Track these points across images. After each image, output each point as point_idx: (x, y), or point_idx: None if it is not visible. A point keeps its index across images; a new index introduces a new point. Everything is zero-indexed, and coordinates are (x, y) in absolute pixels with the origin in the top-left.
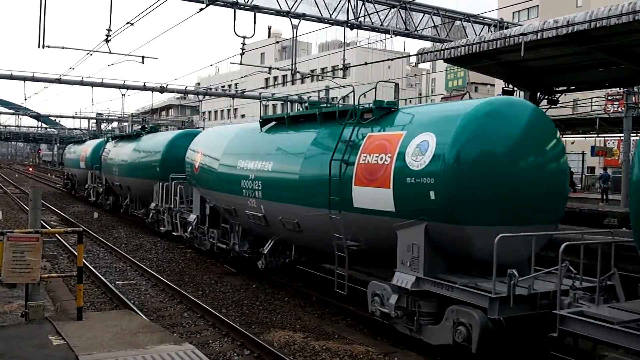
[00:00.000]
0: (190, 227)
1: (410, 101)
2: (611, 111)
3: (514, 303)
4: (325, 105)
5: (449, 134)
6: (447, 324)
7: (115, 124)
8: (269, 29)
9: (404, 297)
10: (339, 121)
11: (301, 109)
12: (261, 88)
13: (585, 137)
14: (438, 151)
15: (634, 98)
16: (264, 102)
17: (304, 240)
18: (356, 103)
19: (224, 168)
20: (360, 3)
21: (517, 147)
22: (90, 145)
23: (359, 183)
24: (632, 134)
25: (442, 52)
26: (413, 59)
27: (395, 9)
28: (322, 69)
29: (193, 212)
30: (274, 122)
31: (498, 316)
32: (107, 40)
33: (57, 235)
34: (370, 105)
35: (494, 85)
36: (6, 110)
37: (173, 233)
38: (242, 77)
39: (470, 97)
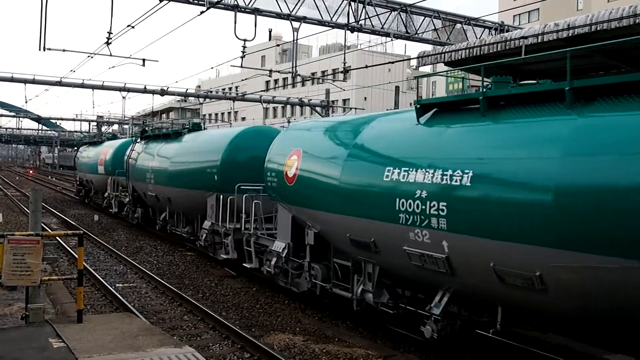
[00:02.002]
0: (274, 259)
1: (410, 104)
2: None
3: None
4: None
5: None
6: None
7: (116, 127)
8: (270, 31)
9: None
10: None
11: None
12: (262, 91)
13: None
14: None
15: None
16: (264, 105)
17: (546, 305)
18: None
19: (353, 179)
20: (360, 6)
21: None
22: (110, 146)
23: None
24: None
25: (442, 55)
26: (414, 62)
27: (396, 12)
28: (323, 72)
29: (279, 239)
30: (435, 110)
31: None
32: (107, 43)
33: (57, 237)
34: None
35: None
36: (7, 112)
37: (245, 265)
38: (242, 80)
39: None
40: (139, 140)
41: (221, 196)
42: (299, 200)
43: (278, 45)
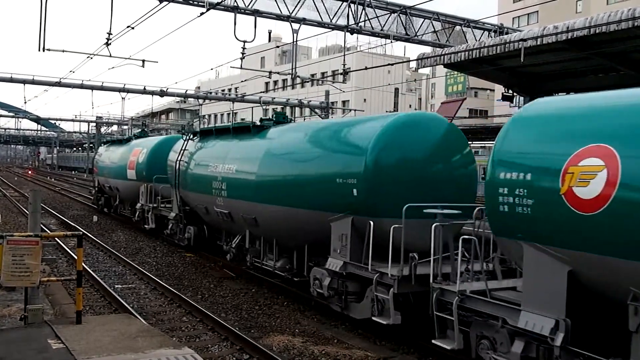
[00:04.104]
0: (519, 345)
1: (410, 106)
2: None
3: None
4: None
5: None
6: None
7: (115, 127)
8: (269, 33)
9: None
10: None
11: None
12: (261, 92)
13: None
14: None
15: None
16: (264, 106)
17: None
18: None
19: None
20: (360, 8)
21: None
22: (145, 146)
23: None
24: None
25: (442, 57)
26: (413, 64)
27: (396, 14)
28: (322, 74)
29: (530, 308)
30: None
31: None
32: (107, 44)
33: (56, 238)
34: None
35: (493, 90)
36: (6, 113)
37: (436, 343)
38: (242, 81)
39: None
40: (192, 137)
41: (371, 222)
42: (607, 245)
43: (278, 46)
